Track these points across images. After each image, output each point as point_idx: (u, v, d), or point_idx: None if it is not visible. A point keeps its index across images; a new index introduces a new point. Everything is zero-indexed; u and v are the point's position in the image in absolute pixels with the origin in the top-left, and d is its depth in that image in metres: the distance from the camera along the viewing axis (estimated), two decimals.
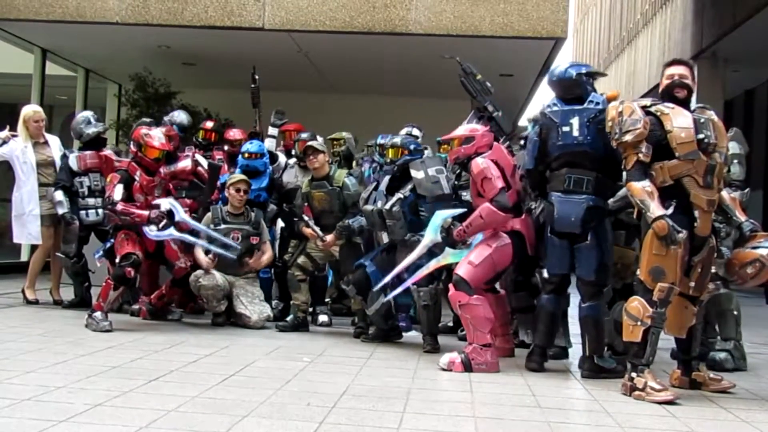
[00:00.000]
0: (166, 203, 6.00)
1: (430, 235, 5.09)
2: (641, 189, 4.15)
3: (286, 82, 11.68)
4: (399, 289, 5.37)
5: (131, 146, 6.21)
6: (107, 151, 6.97)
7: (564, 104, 4.77)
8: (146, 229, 5.90)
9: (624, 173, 4.34)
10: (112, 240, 6.11)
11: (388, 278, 5.38)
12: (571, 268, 4.76)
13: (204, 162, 6.96)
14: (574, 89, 4.78)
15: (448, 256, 5.06)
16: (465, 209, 5.06)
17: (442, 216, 5.05)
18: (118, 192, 5.90)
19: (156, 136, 6.11)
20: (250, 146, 6.90)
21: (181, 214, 6.03)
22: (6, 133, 7.09)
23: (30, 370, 4.14)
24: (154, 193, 6.10)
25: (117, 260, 5.92)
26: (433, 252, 5.14)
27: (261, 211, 6.64)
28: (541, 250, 4.93)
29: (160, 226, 5.89)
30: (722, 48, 11.44)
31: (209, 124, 7.95)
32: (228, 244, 6.26)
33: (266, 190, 6.90)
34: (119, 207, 5.86)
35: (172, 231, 5.98)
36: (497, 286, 5.30)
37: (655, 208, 4.08)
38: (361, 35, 9.45)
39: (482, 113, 5.57)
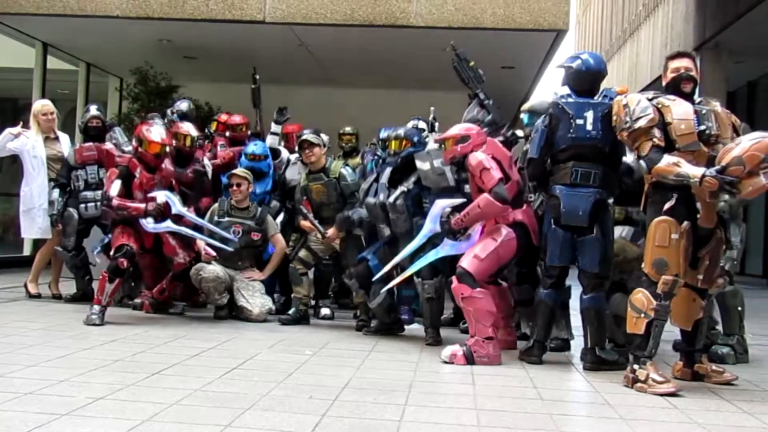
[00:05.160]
0: (162, 196, 5.99)
1: (429, 224, 5.08)
2: (667, 164, 4.07)
3: (287, 76, 11.67)
4: (398, 279, 5.36)
5: (133, 142, 6.24)
6: (108, 146, 6.97)
7: (577, 96, 4.73)
8: (143, 221, 5.91)
9: (641, 162, 4.27)
10: (110, 235, 6.12)
11: (387, 268, 5.37)
12: (571, 260, 4.74)
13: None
14: (597, 83, 4.77)
15: (446, 247, 5.04)
16: (464, 200, 5.03)
17: (441, 205, 5.04)
18: (114, 188, 5.91)
19: (156, 131, 6.12)
20: (255, 148, 6.90)
21: (178, 207, 6.03)
22: (18, 128, 7.12)
23: (32, 363, 4.15)
24: (153, 190, 6.08)
25: (111, 253, 5.93)
26: (434, 242, 5.13)
27: (267, 207, 6.65)
28: (541, 242, 4.92)
29: (157, 218, 5.90)
30: (725, 39, 11.38)
31: (224, 117, 7.96)
32: (227, 237, 6.26)
33: (270, 193, 6.91)
34: (115, 202, 5.87)
35: (168, 223, 5.98)
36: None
37: (693, 170, 3.99)
38: (362, 28, 9.43)
39: (472, 100, 5.63)
